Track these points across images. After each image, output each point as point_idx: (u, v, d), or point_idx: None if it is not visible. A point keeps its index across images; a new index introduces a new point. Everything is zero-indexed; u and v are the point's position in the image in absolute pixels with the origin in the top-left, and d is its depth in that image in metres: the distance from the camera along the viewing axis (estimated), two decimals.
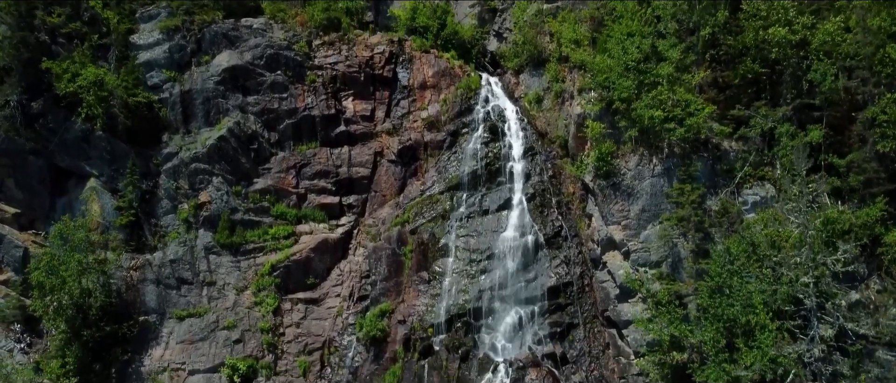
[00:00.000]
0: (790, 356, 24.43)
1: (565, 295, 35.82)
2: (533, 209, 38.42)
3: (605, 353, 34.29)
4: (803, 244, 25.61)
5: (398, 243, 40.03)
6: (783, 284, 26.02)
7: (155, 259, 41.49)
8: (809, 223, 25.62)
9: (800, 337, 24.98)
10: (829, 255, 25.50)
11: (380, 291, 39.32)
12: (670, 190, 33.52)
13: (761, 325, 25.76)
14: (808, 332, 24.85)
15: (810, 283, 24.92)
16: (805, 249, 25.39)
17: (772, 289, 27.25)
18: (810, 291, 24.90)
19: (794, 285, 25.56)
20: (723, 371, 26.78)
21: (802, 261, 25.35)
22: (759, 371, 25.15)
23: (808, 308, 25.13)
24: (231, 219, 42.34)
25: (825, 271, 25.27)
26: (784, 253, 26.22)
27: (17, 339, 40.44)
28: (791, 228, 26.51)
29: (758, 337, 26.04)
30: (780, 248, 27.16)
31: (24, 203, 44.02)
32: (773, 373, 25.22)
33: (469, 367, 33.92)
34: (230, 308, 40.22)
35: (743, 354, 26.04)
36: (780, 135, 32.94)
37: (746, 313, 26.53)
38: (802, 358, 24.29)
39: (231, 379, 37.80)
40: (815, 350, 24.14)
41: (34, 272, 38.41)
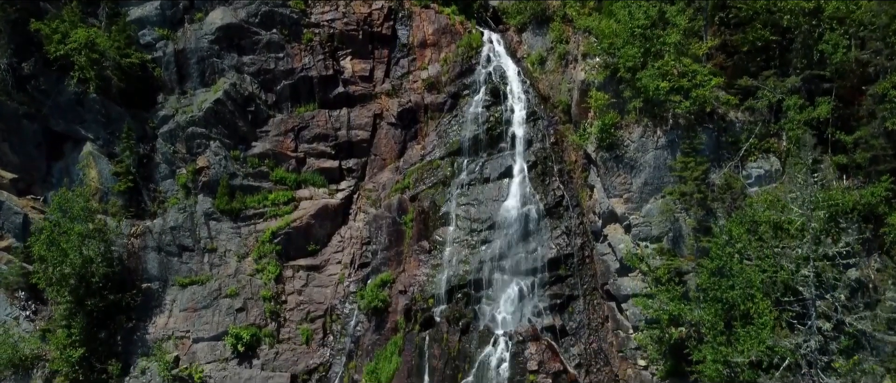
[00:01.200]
0: (787, 347, 24.90)
1: (565, 267, 36.31)
2: (534, 177, 38.44)
3: (604, 326, 35.00)
4: (805, 233, 25.70)
5: (399, 212, 40.29)
6: (783, 271, 26.26)
7: (155, 226, 41.91)
8: (813, 214, 25.60)
9: (798, 327, 25.43)
10: (831, 247, 25.64)
11: (381, 261, 39.87)
12: (674, 162, 33.43)
13: (760, 313, 26.19)
14: (806, 322, 25.29)
15: (810, 275, 25.16)
16: (806, 242, 25.49)
17: (772, 271, 27.53)
18: (810, 282, 25.18)
19: (794, 276, 25.82)
20: (719, 353, 27.40)
21: (803, 252, 25.51)
22: (756, 356, 25.75)
23: (807, 299, 25.48)
24: (230, 184, 42.52)
25: (826, 266, 25.46)
26: (785, 242, 26.32)
27: (21, 307, 41.34)
28: (793, 216, 26.53)
29: (756, 322, 26.53)
30: (781, 238, 27.27)
31: (20, 168, 44.19)
32: (768, 361, 25.84)
33: (469, 340, 34.71)
34: (232, 275, 40.90)
35: (740, 340, 26.60)
36: (788, 108, 32.56)
37: (745, 301, 26.93)
38: (799, 349, 24.79)
39: (235, 348, 38.79)
40: (812, 341, 24.61)
41: (35, 245, 38.85)
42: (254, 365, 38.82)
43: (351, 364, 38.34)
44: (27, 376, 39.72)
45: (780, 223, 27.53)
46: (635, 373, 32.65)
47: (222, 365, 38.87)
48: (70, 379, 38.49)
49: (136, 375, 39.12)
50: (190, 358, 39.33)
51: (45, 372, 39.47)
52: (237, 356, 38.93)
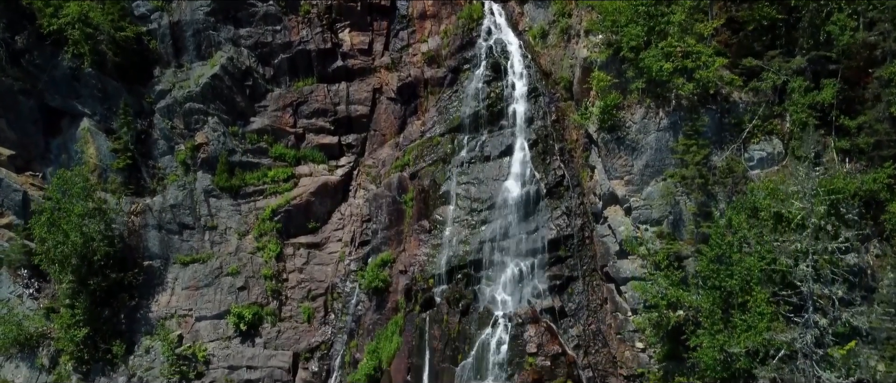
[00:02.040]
0: (783, 340, 25.32)
1: (565, 248, 36.61)
2: (535, 156, 38.45)
3: (603, 308, 35.50)
4: (805, 228, 25.87)
5: (399, 190, 40.47)
6: (781, 264, 26.52)
7: (155, 203, 42.24)
8: (814, 210, 25.72)
9: (794, 321, 25.81)
10: (830, 242, 25.84)
11: (381, 240, 40.25)
12: (676, 144, 33.36)
13: (757, 304, 26.58)
14: (803, 316, 25.67)
15: (808, 271, 25.42)
16: (806, 237, 25.66)
17: (770, 257, 27.77)
18: (808, 277, 25.46)
19: (792, 270, 26.09)
20: (716, 341, 27.90)
21: (803, 246, 25.71)
22: (752, 346, 26.24)
23: (805, 295, 25.80)
24: (229, 160, 42.68)
25: (824, 263, 25.69)
26: (785, 237, 26.51)
27: (25, 285, 42.02)
28: (793, 210, 26.64)
29: (753, 311, 26.94)
30: (781, 231, 27.43)
31: (18, 144, 44.39)
32: (764, 352, 26.33)
33: (469, 321, 35.28)
34: (233, 253, 41.39)
35: (737, 329, 27.05)
36: (793, 90, 32.32)
37: (744, 292, 27.28)
38: (795, 342, 25.23)
39: (237, 327, 39.51)
40: (808, 335, 25.02)
41: (36, 227, 39.20)
42: (256, 343, 39.65)
43: (352, 342, 39.12)
44: (33, 354, 40.64)
45: (781, 213, 27.59)
46: (633, 356, 33.28)
47: (225, 344, 39.70)
48: (75, 357, 39.41)
49: (140, 354, 39.99)
50: (193, 337, 40.13)
51: (50, 351, 40.35)
52: (240, 334, 39.74)
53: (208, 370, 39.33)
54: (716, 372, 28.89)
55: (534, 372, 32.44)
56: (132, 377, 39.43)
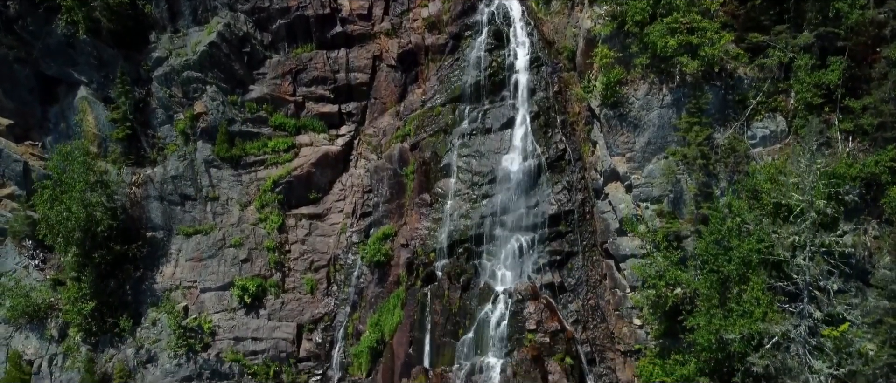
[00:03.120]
0: (778, 332, 25.96)
1: (566, 223, 37.07)
2: (536, 129, 38.49)
3: (602, 283, 36.20)
4: (804, 220, 26.18)
5: (400, 163, 40.67)
6: (777, 255, 26.97)
7: (156, 174, 42.54)
8: (814, 204, 25.99)
9: (789, 311, 26.41)
10: (828, 235, 26.19)
11: (382, 213, 40.71)
12: (679, 122, 33.43)
13: (753, 293, 27.18)
14: (798, 306, 26.26)
15: (805, 264, 25.86)
16: (805, 229, 25.99)
17: (768, 242, 28.19)
18: (804, 269, 25.93)
19: (788, 263, 26.54)
20: (712, 325, 28.64)
21: (801, 239, 26.06)
22: (747, 334, 26.99)
23: (800, 287, 26.32)
24: (229, 130, 42.74)
25: (820, 259, 26.10)
26: (784, 228, 26.83)
27: (30, 256, 42.76)
28: (793, 202, 26.90)
29: (748, 298, 27.57)
30: (779, 221, 27.73)
31: (15, 113, 44.46)
32: (758, 339, 27.06)
33: (470, 297, 36.04)
34: (235, 224, 41.93)
35: (733, 316, 27.74)
36: (798, 68, 32.16)
37: (740, 283, 27.82)
38: (788, 334, 25.89)
39: (242, 299, 40.33)
40: (802, 327, 25.64)
41: (39, 204, 39.59)
42: (261, 315, 40.61)
43: (355, 315, 40.06)
44: (42, 326, 41.68)
45: (780, 202, 27.90)
46: (630, 331, 34.16)
47: (230, 315, 40.67)
48: (83, 329, 40.42)
49: (147, 326, 41.00)
50: (198, 308, 41.07)
51: (58, 323, 41.38)
52: (244, 306, 40.67)
53: (214, 341, 40.43)
54: (711, 353, 29.77)
55: (533, 348, 33.37)
56: (140, 349, 40.59)
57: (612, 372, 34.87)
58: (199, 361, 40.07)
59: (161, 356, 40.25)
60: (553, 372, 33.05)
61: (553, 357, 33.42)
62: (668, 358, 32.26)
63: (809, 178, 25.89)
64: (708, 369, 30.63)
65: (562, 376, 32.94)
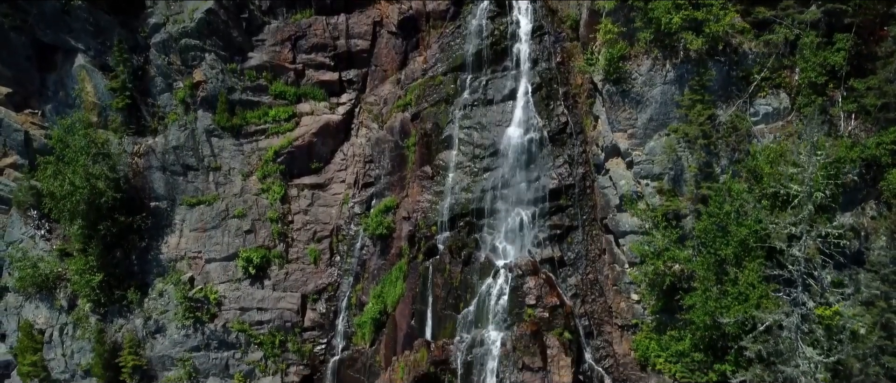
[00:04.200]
0: (771, 321, 26.73)
1: (566, 197, 37.50)
2: (538, 101, 38.49)
3: (601, 258, 36.88)
4: (801, 210, 26.60)
5: (401, 135, 40.86)
6: (774, 243, 27.52)
7: (157, 144, 42.86)
8: (813, 196, 26.35)
9: (783, 298, 27.12)
10: (825, 227, 26.63)
11: (384, 185, 41.14)
12: (681, 98, 33.48)
13: (748, 279, 27.87)
14: (792, 294, 26.94)
15: (801, 257, 26.40)
16: (802, 221, 26.42)
17: (765, 234, 28.71)
18: (800, 259, 26.50)
19: (784, 254, 27.09)
20: (708, 307, 29.47)
21: (798, 230, 26.53)
22: (741, 319, 27.85)
23: (794, 277, 26.93)
24: (229, 99, 42.84)
25: (815, 252, 26.59)
26: (781, 218, 27.25)
27: (36, 226, 43.47)
28: (792, 191, 27.27)
29: (743, 283, 28.30)
30: (780, 205, 28.11)
31: (13, 81, 44.60)
32: (751, 324, 27.91)
33: (471, 271, 36.81)
34: (238, 194, 42.46)
35: (728, 298, 28.52)
36: (804, 46, 31.99)
37: (736, 269, 28.46)
38: (780, 323, 26.67)
39: (246, 270, 41.22)
40: (794, 315, 26.37)
41: (43, 180, 40.06)
42: (266, 285, 41.61)
43: (358, 286, 41.02)
44: (51, 296, 42.76)
45: (779, 192, 28.31)
46: (628, 306, 35.05)
47: (235, 286, 41.67)
48: (91, 300, 41.47)
49: (154, 297, 42.07)
50: (204, 278, 42.03)
51: (67, 293, 42.42)
52: (249, 277, 41.62)
53: (220, 311, 41.56)
54: (706, 331, 30.72)
55: (532, 323, 34.32)
56: (148, 319, 41.79)
57: (609, 345, 35.93)
58: (206, 332, 41.34)
59: (169, 327, 41.49)
60: (552, 346, 34.09)
61: (552, 331, 34.39)
62: (664, 334, 33.30)
63: (809, 170, 26.17)
64: (702, 346, 31.71)
65: (560, 350, 34.00)
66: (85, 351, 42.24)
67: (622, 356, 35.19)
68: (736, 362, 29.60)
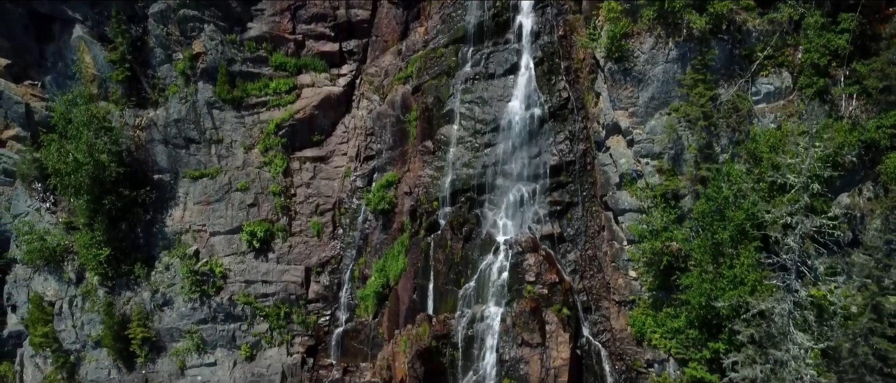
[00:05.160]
0: (765, 308, 27.54)
1: (567, 173, 37.95)
2: (540, 75, 38.58)
3: (600, 235, 37.54)
4: (797, 201, 27.09)
5: (402, 109, 41.07)
6: (769, 231, 28.13)
7: (159, 117, 43.12)
8: (810, 187, 26.81)
9: (776, 284, 27.85)
10: (820, 218, 27.15)
11: (386, 160, 41.57)
12: (683, 77, 33.62)
13: (743, 265, 28.60)
14: (786, 280, 27.66)
15: (795, 247, 27.01)
16: (798, 211, 26.93)
17: (760, 221, 29.31)
18: (794, 249, 27.11)
19: (779, 243, 27.69)
20: (703, 289, 30.30)
21: (793, 220, 27.05)
22: (735, 302, 28.70)
23: (788, 266, 27.59)
24: (229, 70, 42.92)
25: (810, 246, 27.17)
26: (777, 209, 27.75)
27: (41, 199, 44.06)
28: (789, 180, 27.71)
29: (738, 267, 29.05)
30: (777, 191, 28.59)
31: (12, 52, 44.59)
32: (745, 309, 28.74)
33: (472, 247, 37.58)
34: (240, 167, 42.95)
35: (723, 281, 29.33)
36: (808, 27, 31.97)
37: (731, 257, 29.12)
38: (774, 310, 27.46)
39: (251, 243, 42.01)
40: (787, 302, 27.13)
41: (47, 159, 40.46)
42: (270, 258, 42.49)
43: (361, 259, 41.85)
44: (59, 268, 43.71)
45: (776, 181, 28.78)
46: (626, 283, 35.91)
47: (240, 259, 42.55)
48: (99, 273, 42.42)
49: (160, 271, 43.01)
50: (209, 251, 42.89)
51: (75, 265, 43.33)
52: (253, 250, 42.49)
53: (226, 284, 42.56)
54: (701, 309, 31.65)
55: (531, 300, 35.26)
56: (155, 292, 42.82)
57: (607, 320, 36.95)
58: (212, 305, 42.44)
59: (176, 300, 42.58)
60: (550, 322, 35.12)
61: (551, 308, 35.36)
62: (661, 311, 34.25)
63: (807, 163, 26.59)
64: (697, 323, 32.67)
65: (559, 326, 35.04)
66: (94, 322, 43.47)
67: (619, 331, 36.25)
68: (729, 341, 30.61)
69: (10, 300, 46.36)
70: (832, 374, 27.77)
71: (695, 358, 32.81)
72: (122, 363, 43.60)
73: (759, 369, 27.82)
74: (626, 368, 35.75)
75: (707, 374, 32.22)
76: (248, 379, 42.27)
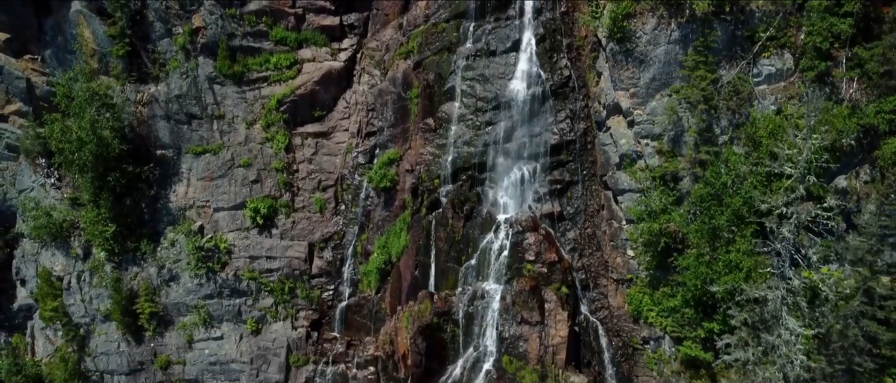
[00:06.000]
0: (759, 295, 28.37)
1: (567, 152, 38.39)
2: (541, 53, 38.68)
3: (600, 213, 38.18)
4: (793, 192, 27.63)
5: (404, 86, 41.26)
6: (765, 219, 28.76)
7: (160, 93, 43.37)
8: (806, 179, 27.32)
9: (770, 271, 28.62)
10: (815, 209, 27.72)
11: (387, 137, 41.96)
12: (685, 58, 33.82)
13: (739, 250, 29.36)
14: (779, 267, 28.42)
15: (790, 237, 27.65)
16: (794, 202, 27.49)
17: (756, 209, 29.96)
18: (789, 238, 27.78)
19: (774, 232, 28.32)
20: (699, 271, 31.13)
21: (788, 212, 27.63)
22: (730, 286, 29.58)
23: (782, 254, 28.28)
24: (229, 45, 43.01)
25: (804, 237, 27.77)
26: (772, 198, 28.30)
27: (45, 174, 44.63)
28: (786, 169, 28.20)
29: (733, 251, 29.81)
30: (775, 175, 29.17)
31: (10, 26, 44.66)
32: (740, 293, 29.59)
33: (473, 226, 38.28)
34: (242, 143, 43.40)
35: (718, 267, 30.12)
36: (812, 9, 32.02)
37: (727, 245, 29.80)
38: (767, 297, 28.27)
39: (254, 220, 42.75)
40: (780, 288, 27.92)
41: (51, 138, 40.88)
42: (273, 234, 43.30)
43: (363, 235, 42.63)
44: (66, 244, 44.56)
45: (773, 172, 29.29)
46: (624, 262, 36.73)
47: (244, 234, 43.35)
48: (105, 249, 43.29)
49: (166, 247, 43.86)
50: (213, 227, 43.68)
51: (82, 241, 44.16)
52: (257, 227, 43.24)
53: (231, 260, 43.47)
54: (696, 291, 32.56)
55: (531, 278, 36.14)
56: (162, 268, 43.77)
57: (604, 297, 37.91)
58: (218, 280, 43.44)
59: (182, 275, 43.56)
60: (549, 300, 36.07)
61: (550, 286, 36.27)
62: (657, 290, 35.15)
63: (804, 154, 27.07)
64: (693, 303, 33.62)
65: (557, 304, 36.00)
66: (103, 297, 44.56)
67: (616, 308, 37.24)
68: (723, 322, 31.59)
69: (18, 274, 47.42)
70: (822, 357, 28.78)
71: (690, 336, 33.88)
72: (130, 336, 44.92)
73: (751, 352, 28.81)
74: (623, 344, 36.88)
75: (701, 353, 33.36)
76: (255, 353, 43.62)
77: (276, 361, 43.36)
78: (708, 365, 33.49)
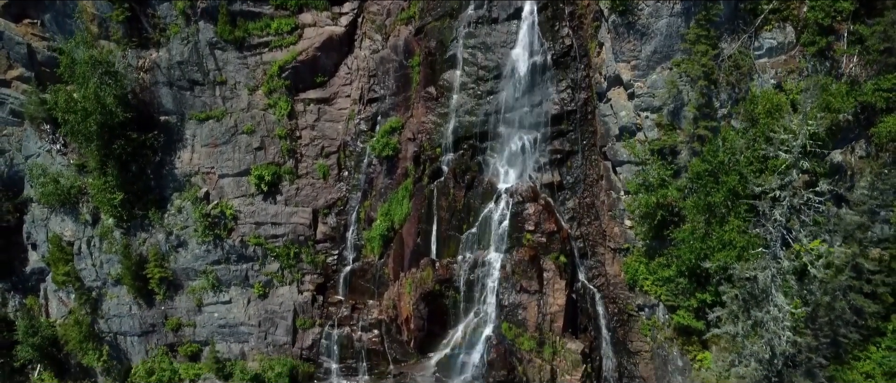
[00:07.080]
0: (751, 274, 29.51)
1: (567, 122, 39.04)
2: (544, 21, 38.88)
3: (599, 183, 39.09)
4: (787, 176, 28.45)
5: (405, 54, 41.58)
6: (759, 202, 29.68)
7: (162, 59, 43.74)
8: (800, 160, 28.08)
9: (762, 251, 29.71)
10: (808, 193, 28.57)
11: (389, 106, 42.52)
12: (687, 32, 34.16)
13: (733, 229, 30.40)
14: (771, 247, 29.50)
15: (782, 221, 28.60)
16: (787, 188, 28.33)
17: (750, 193, 30.87)
18: (780, 222, 28.75)
19: (767, 215, 29.25)
20: (694, 246, 32.30)
21: (781, 196, 28.49)
22: (722, 262, 30.78)
23: (774, 236, 29.29)
24: (230, 9, 43.17)
25: (795, 221, 28.67)
26: (766, 181, 29.11)
27: (51, 140, 45.41)
28: (781, 154, 28.93)
29: (727, 229, 30.89)
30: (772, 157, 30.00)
31: None
32: (732, 269, 30.81)
33: (474, 195, 39.29)
34: (245, 109, 44.01)
35: (712, 242, 31.26)
36: None
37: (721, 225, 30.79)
38: (757, 278, 29.42)
39: (259, 186, 43.75)
40: (770, 269, 29.05)
41: (57, 111, 41.51)
42: (278, 201, 44.36)
43: (366, 202, 43.68)
44: (75, 210, 45.71)
45: (768, 155, 30.04)
46: (621, 232, 37.88)
47: (249, 201, 44.44)
48: (114, 216, 44.48)
49: (173, 213, 45.00)
50: (218, 194, 44.72)
51: (90, 207, 45.30)
52: (261, 193, 44.28)
53: (237, 226, 44.68)
54: (690, 263, 33.83)
55: (530, 248, 37.39)
56: (170, 235, 45.03)
57: (602, 265, 39.24)
58: (225, 246, 44.76)
59: (190, 242, 44.87)
60: (548, 269, 37.43)
61: (549, 255, 37.57)
62: (653, 259, 36.43)
63: (799, 140, 27.81)
64: (687, 273, 34.94)
65: (555, 273, 37.37)
66: (113, 262, 46.02)
67: (613, 276, 38.62)
68: (716, 294, 32.96)
69: (29, 238, 48.80)
70: (808, 331, 30.21)
71: (683, 305, 35.35)
72: (142, 300, 46.64)
73: (741, 326, 30.25)
74: (619, 311, 38.41)
75: (693, 321, 34.88)
76: (262, 316, 45.38)
77: (283, 324, 45.17)
78: (700, 332, 35.09)
